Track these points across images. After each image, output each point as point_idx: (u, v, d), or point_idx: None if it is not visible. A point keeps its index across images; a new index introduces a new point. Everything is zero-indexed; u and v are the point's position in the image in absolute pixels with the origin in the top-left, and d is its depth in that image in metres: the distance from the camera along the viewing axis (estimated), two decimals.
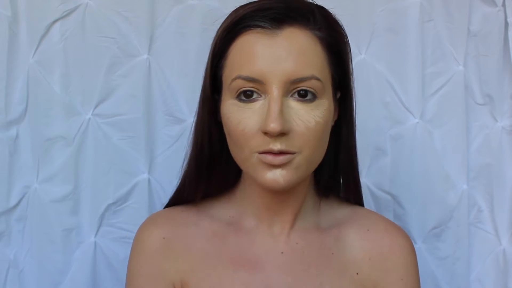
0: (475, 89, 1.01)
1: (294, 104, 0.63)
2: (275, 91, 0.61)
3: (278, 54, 0.62)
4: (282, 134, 0.61)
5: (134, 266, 0.73)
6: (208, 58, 0.69)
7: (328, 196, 0.76)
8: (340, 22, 0.69)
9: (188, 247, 0.72)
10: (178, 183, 0.77)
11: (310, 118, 0.63)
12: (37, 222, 0.92)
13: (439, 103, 1.01)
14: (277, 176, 0.63)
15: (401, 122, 1.00)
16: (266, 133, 0.61)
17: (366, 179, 1.00)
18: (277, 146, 0.61)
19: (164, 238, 0.72)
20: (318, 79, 0.63)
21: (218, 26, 0.70)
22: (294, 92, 0.63)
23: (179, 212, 0.75)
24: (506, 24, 0.99)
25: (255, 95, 0.63)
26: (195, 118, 0.73)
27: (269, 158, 0.62)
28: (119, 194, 0.95)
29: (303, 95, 0.63)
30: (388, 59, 1.00)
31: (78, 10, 0.92)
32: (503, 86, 1.00)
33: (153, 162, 0.96)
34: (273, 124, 0.60)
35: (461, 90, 1.00)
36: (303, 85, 0.62)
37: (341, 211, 0.76)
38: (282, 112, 0.61)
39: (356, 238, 0.73)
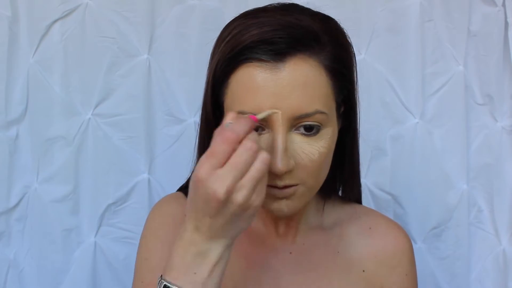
0: (475, 89, 1.01)
1: (298, 138, 0.61)
2: (279, 128, 0.60)
3: (282, 90, 0.59)
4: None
5: (152, 229, 0.72)
6: (208, 79, 0.66)
7: (330, 196, 0.76)
8: (344, 32, 0.66)
9: None
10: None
11: (314, 150, 0.62)
12: (37, 222, 0.92)
13: (439, 103, 1.01)
14: (282, 206, 0.63)
15: (401, 122, 1.00)
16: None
17: (366, 179, 1.00)
18: (282, 182, 0.61)
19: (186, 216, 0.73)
20: (322, 112, 0.61)
21: (218, 26, 0.68)
22: (299, 127, 0.61)
23: None
24: (506, 24, 0.99)
25: (259, 130, 0.61)
26: (198, 133, 0.71)
27: (275, 191, 0.62)
28: (119, 194, 0.95)
29: (308, 129, 0.61)
30: (388, 59, 1.00)
31: (78, 10, 0.92)
32: (503, 86, 1.00)
33: (153, 162, 0.96)
34: (279, 166, 0.59)
35: (461, 90, 1.00)
36: (307, 120, 0.61)
37: (341, 210, 0.77)
38: (287, 151, 0.60)
39: (359, 236, 0.74)
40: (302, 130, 0.61)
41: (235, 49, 0.61)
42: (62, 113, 0.93)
